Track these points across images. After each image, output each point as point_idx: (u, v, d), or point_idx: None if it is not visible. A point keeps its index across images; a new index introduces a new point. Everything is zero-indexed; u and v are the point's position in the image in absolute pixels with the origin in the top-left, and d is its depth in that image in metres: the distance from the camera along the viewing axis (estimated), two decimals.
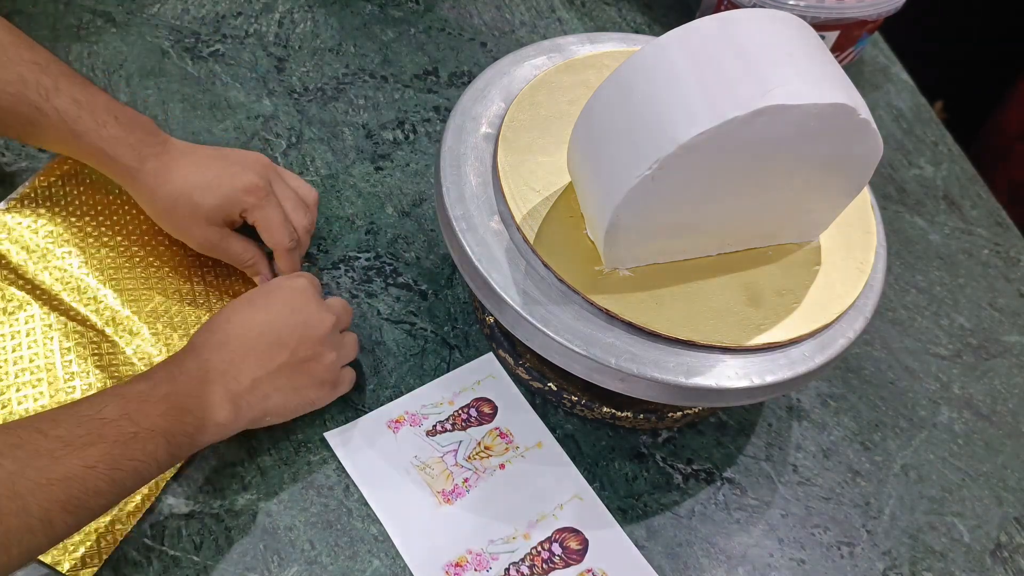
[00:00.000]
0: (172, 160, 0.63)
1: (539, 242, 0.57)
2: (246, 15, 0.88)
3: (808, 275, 0.59)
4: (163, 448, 0.52)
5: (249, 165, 0.65)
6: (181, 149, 0.65)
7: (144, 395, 0.52)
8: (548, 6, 0.97)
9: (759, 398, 0.58)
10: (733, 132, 0.47)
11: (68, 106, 0.61)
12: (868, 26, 0.92)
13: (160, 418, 0.51)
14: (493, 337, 0.69)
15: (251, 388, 0.56)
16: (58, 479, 0.47)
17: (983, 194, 0.91)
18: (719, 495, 0.66)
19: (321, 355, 0.59)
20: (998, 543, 0.68)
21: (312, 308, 0.60)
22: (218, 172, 0.63)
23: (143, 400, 0.52)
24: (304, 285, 0.61)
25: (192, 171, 0.63)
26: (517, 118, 0.62)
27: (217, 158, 0.65)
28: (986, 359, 0.78)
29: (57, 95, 0.61)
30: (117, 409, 0.50)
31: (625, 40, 0.70)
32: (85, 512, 0.48)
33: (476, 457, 0.64)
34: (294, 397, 0.59)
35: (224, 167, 0.64)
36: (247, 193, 0.63)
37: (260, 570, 0.58)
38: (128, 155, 0.62)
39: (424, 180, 0.79)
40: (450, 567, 0.59)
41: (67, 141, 0.63)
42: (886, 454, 0.71)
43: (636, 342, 0.54)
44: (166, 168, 0.63)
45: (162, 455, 0.52)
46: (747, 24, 0.50)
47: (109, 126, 0.62)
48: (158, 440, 0.51)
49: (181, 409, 0.53)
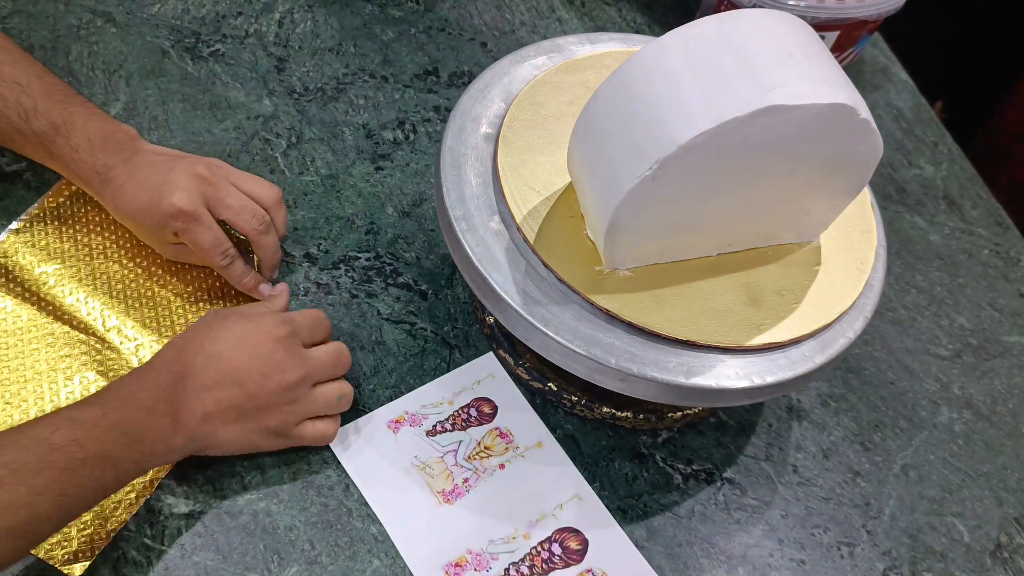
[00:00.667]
0: (127, 179, 0.64)
1: (539, 242, 0.57)
2: (246, 15, 0.88)
3: (808, 275, 0.59)
4: (110, 473, 0.52)
5: (181, 183, 0.63)
6: (137, 164, 0.64)
7: (95, 421, 0.51)
8: (548, 6, 0.97)
9: (759, 398, 0.58)
10: (733, 132, 0.47)
11: (46, 130, 0.64)
12: (868, 26, 0.92)
13: (110, 445, 0.51)
14: (493, 337, 0.69)
15: (201, 422, 0.56)
16: (4, 507, 0.46)
17: (983, 194, 0.91)
18: (719, 495, 0.66)
19: (276, 408, 0.58)
20: (998, 543, 0.68)
21: (279, 358, 0.57)
22: (152, 193, 0.63)
23: (94, 426, 0.51)
24: (283, 334, 0.58)
25: (137, 192, 0.64)
26: (517, 118, 0.62)
27: (158, 173, 0.64)
28: (986, 359, 0.78)
29: (36, 118, 0.64)
30: (67, 434, 0.50)
31: (625, 40, 0.70)
32: (32, 537, 0.48)
33: (476, 457, 0.64)
34: (240, 437, 0.58)
35: (158, 186, 0.63)
36: (172, 219, 0.63)
37: (260, 570, 0.58)
38: (95, 181, 0.65)
39: (424, 180, 0.79)
40: (450, 567, 0.59)
41: (44, 159, 0.66)
42: (886, 454, 0.71)
43: (636, 342, 0.54)
44: (122, 193, 0.64)
45: (109, 480, 0.52)
46: (747, 24, 0.50)
47: (81, 150, 0.64)
48: (105, 466, 0.51)
49: (132, 437, 0.53)
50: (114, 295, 0.67)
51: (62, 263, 0.68)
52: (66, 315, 0.66)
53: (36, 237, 0.69)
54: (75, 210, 0.71)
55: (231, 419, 0.57)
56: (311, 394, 0.60)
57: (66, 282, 0.67)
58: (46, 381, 0.62)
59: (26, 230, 0.69)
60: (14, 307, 0.65)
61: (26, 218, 0.69)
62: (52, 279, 0.67)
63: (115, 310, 0.66)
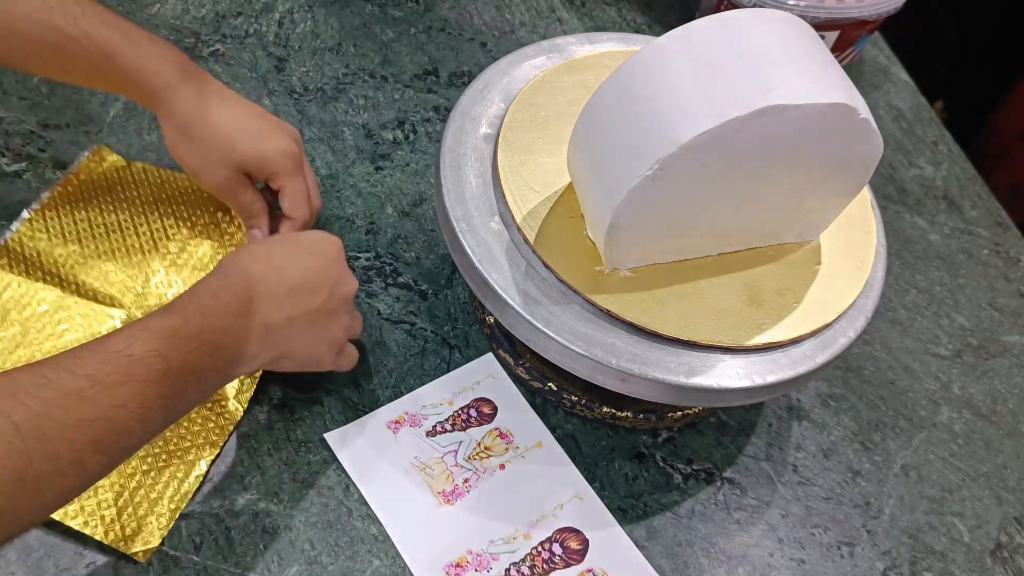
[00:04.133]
0: (214, 94, 0.63)
1: (539, 242, 0.57)
2: (246, 15, 0.88)
3: (808, 275, 0.59)
4: (193, 386, 0.50)
5: (289, 132, 0.66)
6: (220, 88, 0.64)
7: (174, 330, 0.49)
8: (548, 6, 0.97)
9: (760, 398, 0.58)
10: (734, 132, 0.47)
11: (98, 27, 0.59)
12: (868, 26, 0.92)
13: (192, 354, 0.49)
14: (493, 337, 0.69)
15: (284, 325, 0.55)
16: (87, 420, 0.44)
17: (983, 194, 0.92)
18: (719, 495, 0.66)
19: (341, 314, 0.60)
20: (998, 543, 0.68)
21: (342, 267, 0.60)
22: (263, 127, 0.64)
23: (173, 336, 0.49)
24: (339, 244, 0.61)
25: (235, 113, 0.63)
26: (517, 118, 0.62)
27: (258, 114, 0.65)
28: (986, 359, 0.78)
29: (85, 19, 0.59)
30: (146, 345, 0.47)
31: (625, 40, 0.70)
32: (116, 452, 0.47)
33: (476, 457, 0.64)
34: (311, 346, 0.58)
35: (265, 125, 0.64)
36: (285, 157, 0.63)
37: (260, 570, 0.58)
38: (167, 72, 0.60)
39: (424, 180, 0.79)
40: (450, 567, 0.59)
41: (99, 65, 0.60)
42: (886, 454, 0.71)
43: (637, 342, 0.54)
44: (206, 101, 0.62)
45: (192, 393, 0.50)
46: (747, 24, 0.50)
47: (144, 45, 0.60)
48: (188, 378, 0.49)
49: (213, 345, 0.51)
50: (136, 266, 0.68)
51: (79, 244, 0.68)
52: (92, 292, 0.66)
53: (49, 223, 0.69)
54: (85, 195, 0.71)
55: (307, 326, 0.57)
56: (355, 310, 0.63)
57: (88, 260, 0.67)
58: None
59: (39, 219, 0.69)
60: (39, 290, 0.65)
61: (38, 207, 0.70)
62: (72, 260, 0.67)
63: (138, 281, 0.67)
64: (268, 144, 0.64)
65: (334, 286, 0.58)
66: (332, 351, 0.60)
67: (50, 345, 0.63)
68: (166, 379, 0.47)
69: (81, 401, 0.44)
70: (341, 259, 0.60)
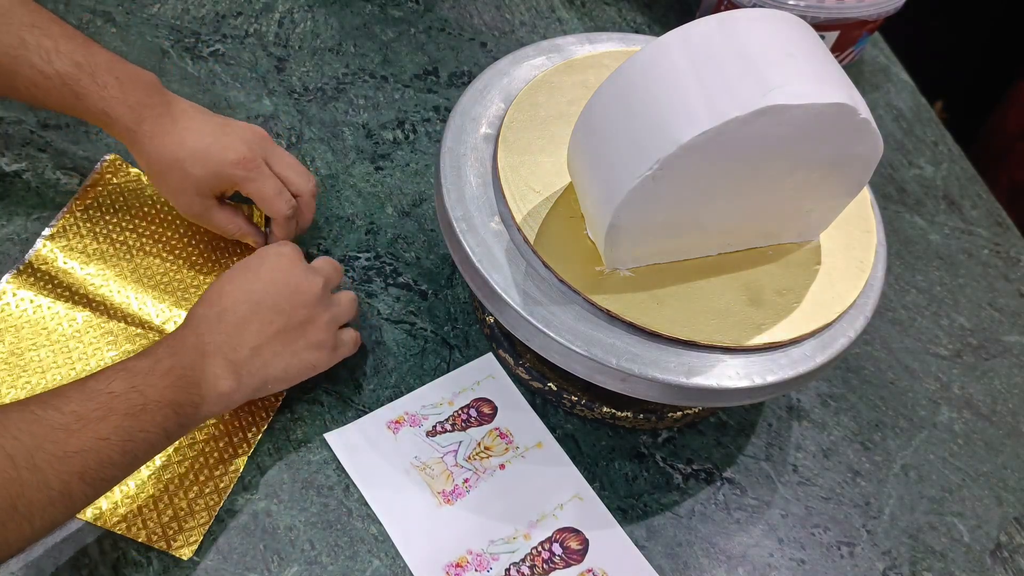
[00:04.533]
0: (170, 123, 0.64)
1: (539, 242, 0.57)
2: (246, 15, 0.88)
3: (808, 274, 0.59)
4: (172, 419, 0.53)
5: (244, 138, 0.65)
6: (182, 110, 0.65)
7: (148, 369, 0.53)
8: (548, 6, 0.97)
9: (760, 398, 0.58)
10: (734, 132, 0.47)
11: (69, 68, 0.62)
12: (868, 26, 0.92)
13: (167, 390, 0.53)
14: (493, 337, 0.69)
15: (251, 356, 0.57)
16: (75, 452, 0.48)
17: (983, 194, 0.92)
18: (719, 495, 0.66)
19: (315, 317, 0.60)
20: (998, 543, 0.68)
21: (299, 272, 0.60)
22: (211, 143, 0.64)
23: (148, 374, 0.53)
24: (289, 252, 0.61)
25: (187, 138, 0.63)
26: (517, 118, 0.62)
27: (214, 127, 0.65)
28: (986, 359, 0.78)
29: (58, 57, 0.62)
30: (124, 383, 0.51)
31: (625, 40, 0.70)
32: (101, 483, 0.50)
33: (476, 457, 0.64)
34: (294, 361, 0.59)
35: (217, 138, 0.64)
36: (236, 166, 0.63)
37: (260, 570, 0.58)
38: (127, 116, 0.63)
39: (424, 180, 0.79)
40: (450, 567, 0.59)
41: (69, 102, 0.63)
42: (886, 454, 0.71)
43: (637, 342, 0.54)
44: (163, 131, 0.63)
45: (171, 426, 0.53)
46: (747, 24, 0.50)
47: (110, 87, 0.62)
48: (166, 411, 0.52)
49: (186, 380, 0.54)
50: (161, 288, 0.68)
51: (104, 263, 0.68)
52: (119, 313, 0.66)
53: (71, 241, 0.69)
54: (103, 212, 0.71)
55: (279, 346, 0.58)
56: (335, 298, 0.62)
57: (112, 281, 0.68)
58: None
59: (60, 235, 0.69)
60: (67, 311, 0.65)
61: (56, 225, 0.69)
62: (97, 279, 0.67)
63: (166, 303, 0.67)
64: (216, 160, 0.63)
65: (294, 297, 0.59)
66: (322, 352, 0.61)
67: (81, 366, 0.63)
68: (145, 413, 0.51)
69: (68, 435, 0.48)
70: (295, 263, 0.60)
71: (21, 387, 0.62)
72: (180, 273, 0.69)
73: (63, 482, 0.47)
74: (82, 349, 0.64)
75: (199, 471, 0.60)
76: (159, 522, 0.58)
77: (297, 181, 0.67)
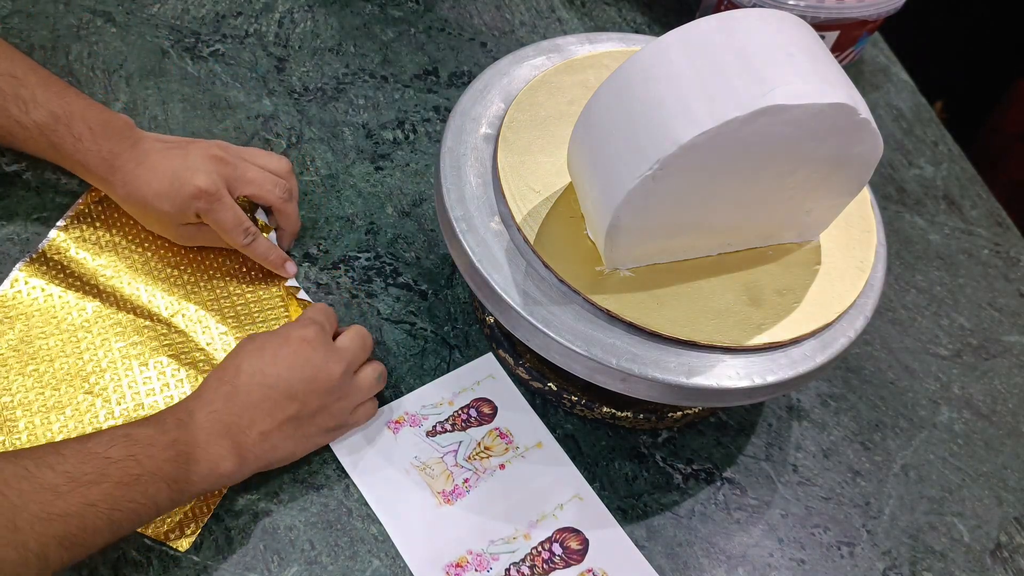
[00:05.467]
0: (138, 166, 0.65)
1: (539, 242, 0.57)
2: (246, 15, 0.88)
3: (808, 274, 0.59)
4: (164, 493, 0.52)
5: (201, 165, 0.64)
6: (146, 151, 0.65)
7: (152, 439, 0.52)
8: (548, 6, 0.97)
9: (760, 398, 0.58)
10: (734, 132, 0.47)
11: (46, 120, 0.64)
12: (868, 26, 0.92)
13: (166, 463, 0.52)
14: (493, 337, 0.69)
15: (259, 441, 0.57)
16: (58, 515, 0.47)
17: (983, 194, 0.92)
18: (719, 495, 0.66)
19: (329, 406, 0.59)
20: (998, 543, 0.68)
21: (320, 359, 0.58)
22: (171, 180, 0.64)
23: (150, 444, 0.52)
24: (314, 335, 0.59)
25: (152, 179, 0.64)
26: (517, 118, 0.62)
27: (174, 161, 0.64)
28: (986, 359, 0.78)
29: (36, 108, 0.63)
30: (124, 450, 0.51)
31: (625, 40, 0.70)
32: (80, 549, 0.49)
33: (476, 457, 0.64)
34: (302, 444, 0.59)
35: (177, 171, 0.64)
36: (195, 199, 0.64)
37: (260, 570, 0.58)
38: (101, 167, 0.65)
39: (424, 180, 0.79)
40: (450, 567, 0.59)
41: (46, 151, 0.65)
42: (886, 454, 0.71)
43: (637, 342, 0.54)
44: (133, 177, 0.65)
45: (162, 499, 0.52)
46: (747, 24, 0.50)
47: (84, 138, 0.64)
48: (160, 485, 0.52)
49: (188, 457, 0.53)
50: (171, 281, 0.68)
51: (116, 254, 0.69)
52: (129, 304, 0.67)
53: (85, 232, 0.70)
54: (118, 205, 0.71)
55: (289, 432, 0.58)
56: (355, 382, 0.61)
57: (123, 272, 0.68)
58: (122, 369, 0.64)
59: (74, 226, 0.70)
60: (77, 301, 0.66)
61: (71, 215, 0.70)
62: (109, 270, 0.68)
63: (175, 295, 0.68)
64: (178, 196, 0.64)
65: (311, 387, 0.58)
66: (333, 434, 0.61)
67: (89, 355, 0.64)
68: (138, 484, 0.50)
69: (56, 496, 0.47)
70: (318, 348, 0.59)
71: (29, 374, 0.63)
72: (191, 267, 0.70)
73: (41, 544, 0.47)
74: (91, 339, 0.65)
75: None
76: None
77: (271, 165, 0.68)
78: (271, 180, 0.68)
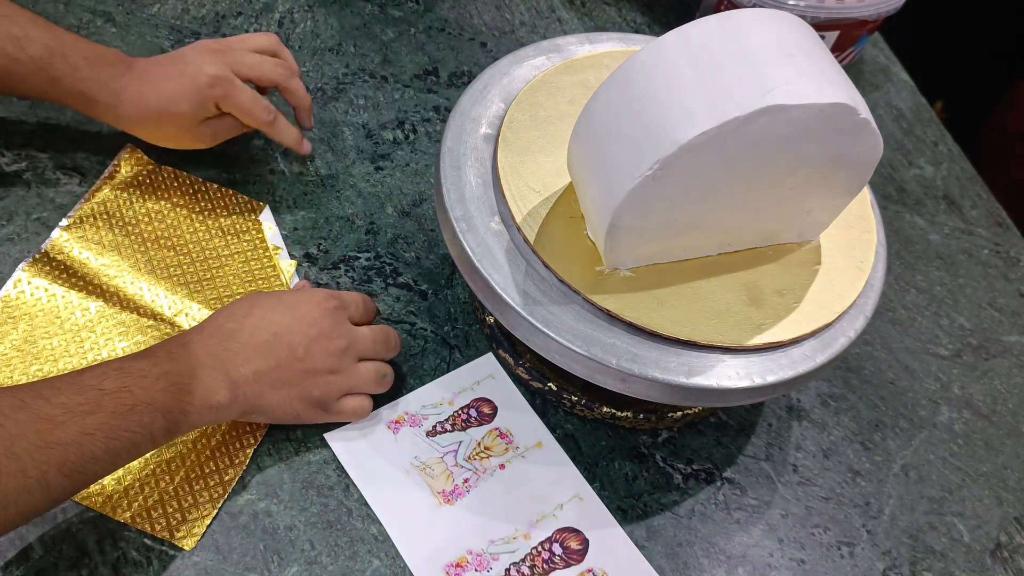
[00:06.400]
0: (143, 83, 0.66)
1: (539, 242, 0.57)
2: (246, 15, 0.88)
3: (808, 274, 0.59)
4: (159, 422, 0.53)
5: (203, 59, 0.67)
6: (143, 68, 0.67)
7: (144, 371, 0.53)
8: (548, 6, 0.97)
9: (760, 398, 0.58)
10: (734, 132, 0.47)
11: (41, 53, 0.64)
12: (868, 26, 0.92)
13: (159, 393, 0.53)
14: (493, 337, 0.69)
15: (252, 380, 0.57)
16: (56, 443, 0.48)
17: (983, 194, 0.92)
18: (719, 495, 0.66)
19: (319, 375, 0.59)
20: (998, 543, 0.68)
21: (328, 326, 0.60)
22: (182, 78, 0.66)
23: (142, 375, 0.53)
24: (332, 307, 0.61)
25: (160, 87, 0.66)
26: (517, 118, 0.62)
27: (175, 65, 0.67)
28: (986, 359, 0.78)
29: (30, 44, 0.64)
30: (117, 382, 0.51)
31: (625, 40, 0.70)
32: (80, 477, 0.50)
33: (476, 457, 0.64)
34: (282, 403, 0.59)
35: (184, 70, 0.66)
36: (211, 88, 0.66)
37: (260, 570, 0.58)
38: (104, 93, 0.66)
39: (424, 180, 0.79)
40: (450, 567, 0.59)
41: (45, 87, 0.66)
42: (886, 454, 0.71)
43: (637, 342, 0.54)
44: (140, 94, 0.66)
45: (158, 429, 0.53)
46: (747, 24, 0.50)
47: (81, 68, 0.65)
48: (155, 414, 0.52)
49: (181, 388, 0.54)
50: (174, 280, 0.69)
51: (118, 254, 0.69)
52: (132, 304, 0.67)
53: (87, 232, 0.70)
54: (120, 204, 0.72)
55: (278, 383, 0.58)
56: (355, 367, 0.61)
57: (126, 272, 0.68)
58: None
59: (77, 226, 0.70)
60: (80, 301, 0.66)
61: (74, 215, 0.70)
62: (112, 270, 0.68)
63: (179, 294, 0.68)
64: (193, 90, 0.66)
65: (311, 344, 0.59)
66: (311, 409, 0.60)
67: (93, 355, 0.64)
68: (133, 413, 0.51)
69: (53, 426, 0.48)
70: (328, 316, 0.60)
71: (32, 375, 0.63)
72: (194, 266, 0.70)
73: (41, 472, 0.47)
74: (94, 339, 0.65)
75: (205, 462, 0.60)
76: (163, 512, 0.58)
77: (267, 72, 0.70)
78: (270, 61, 0.70)
